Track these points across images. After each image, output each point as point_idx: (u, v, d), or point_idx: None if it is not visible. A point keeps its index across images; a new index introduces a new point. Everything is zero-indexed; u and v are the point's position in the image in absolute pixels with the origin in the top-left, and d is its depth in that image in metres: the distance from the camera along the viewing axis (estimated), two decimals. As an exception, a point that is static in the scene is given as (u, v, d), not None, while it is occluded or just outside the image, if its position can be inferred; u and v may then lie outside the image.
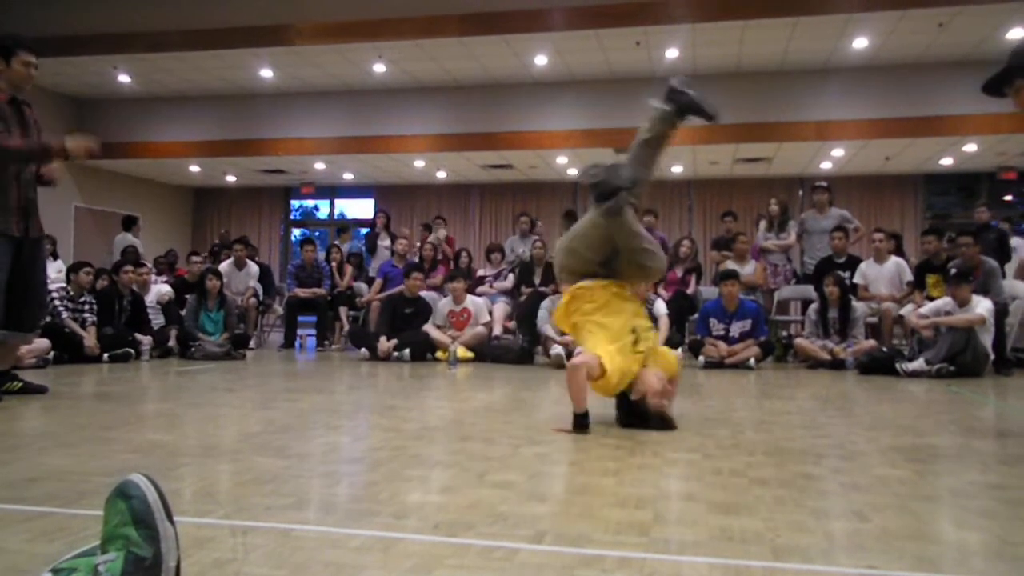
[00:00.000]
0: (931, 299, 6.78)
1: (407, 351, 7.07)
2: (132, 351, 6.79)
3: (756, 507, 2.00)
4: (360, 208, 15.61)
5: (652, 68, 10.02)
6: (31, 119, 4.14)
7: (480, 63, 10.06)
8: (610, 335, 3.29)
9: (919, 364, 6.04)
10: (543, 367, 6.65)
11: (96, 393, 4.71)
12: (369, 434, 3.22)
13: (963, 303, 6.20)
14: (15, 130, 3.99)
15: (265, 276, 9.47)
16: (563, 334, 6.82)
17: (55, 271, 8.07)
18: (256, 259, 10.21)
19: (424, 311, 7.50)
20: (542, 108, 10.78)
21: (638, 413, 3.30)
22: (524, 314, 7.47)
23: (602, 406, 3.42)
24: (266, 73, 10.62)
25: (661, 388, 3.27)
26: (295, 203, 15.97)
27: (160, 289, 8.35)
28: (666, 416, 3.29)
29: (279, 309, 9.62)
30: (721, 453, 2.80)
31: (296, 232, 15.81)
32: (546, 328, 6.87)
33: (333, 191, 15.37)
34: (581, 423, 3.17)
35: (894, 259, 7.64)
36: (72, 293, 6.69)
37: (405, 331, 7.25)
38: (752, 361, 6.65)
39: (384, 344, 7.12)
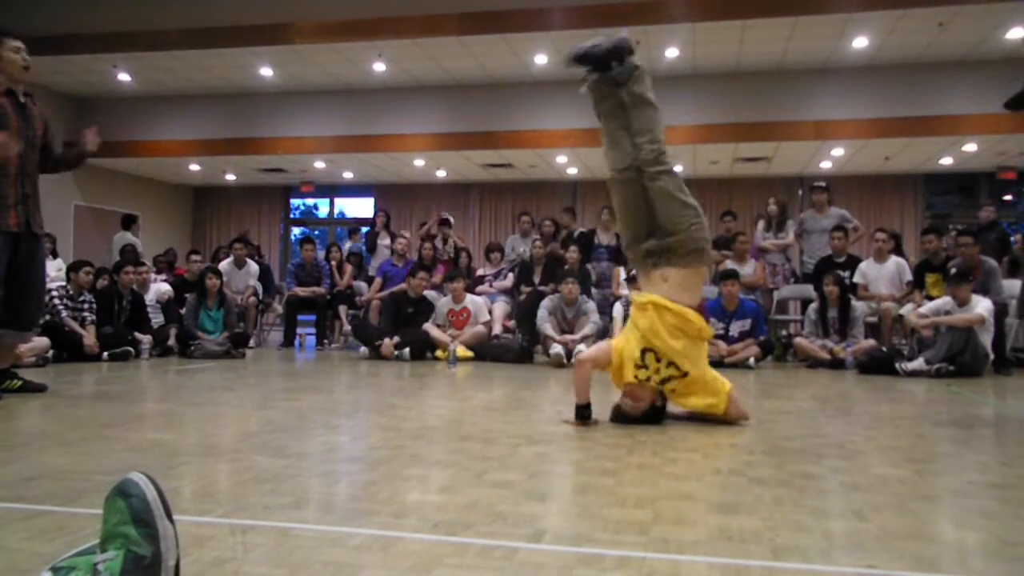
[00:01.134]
0: (931, 299, 6.78)
1: (407, 350, 7.07)
2: (132, 350, 6.80)
3: (755, 506, 2.00)
4: (360, 207, 15.60)
5: (652, 68, 9.93)
6: (32, 112, 4.10)
7: (479, 62, 10.06)
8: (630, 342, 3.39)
9: (919, 364, 6.04)
10: (542, 366, 6.64)
11: (95, 392, 4.70)
12: (368, 433, 3.22)
13: (963, 303, 6.21)
14: (13, 123, 3.96)
15: (265, 275, 9.48)
16: (563, 332, 6.88)
17: (55, 269, 8.07)
18: (258, 257, 10.21)
19: (427, 311, 7.50)
20: (542, 107, 10.76)
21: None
22: (524, 313, 7.46)
23: (599, 404, 3.43)
24: (266, 72, 10.62)
25: (634, 397, 3.36)
26: (295, 202, 15.96)
27: (160, 288, 8.34)
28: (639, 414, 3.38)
29: (279, 308, 9.62)
30: (720, 452, 2.80)
31: (296, 231, 15.81)
32: (545, 327, 6.87)
33: (333, 190, 15.36)
34: (580, 414, 3.34)
35: (894, 259, 7.64)
36: (72, 292, 6.69)
37: (407, 330, 7.26)
38: (752, 360, 6.65)
39: (387, 345, 7.12)
